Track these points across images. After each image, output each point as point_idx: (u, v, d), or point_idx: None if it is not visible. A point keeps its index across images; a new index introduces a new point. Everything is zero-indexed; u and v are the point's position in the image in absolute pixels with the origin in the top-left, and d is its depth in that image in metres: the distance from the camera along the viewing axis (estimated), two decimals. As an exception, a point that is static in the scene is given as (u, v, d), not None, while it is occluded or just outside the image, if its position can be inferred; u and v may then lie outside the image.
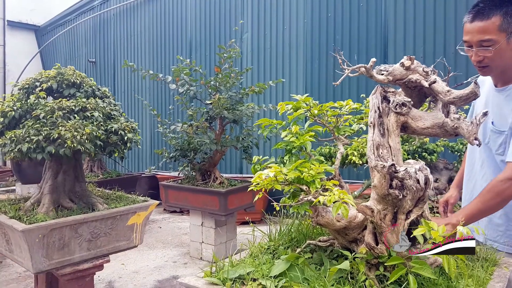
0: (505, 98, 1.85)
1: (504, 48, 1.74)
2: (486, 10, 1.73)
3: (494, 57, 1.75)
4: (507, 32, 1.72)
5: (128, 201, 2.93)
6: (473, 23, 1.75)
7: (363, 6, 5.46)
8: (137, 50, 8.26)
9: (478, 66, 1.83)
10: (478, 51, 1.76)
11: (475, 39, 1.75)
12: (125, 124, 2.67)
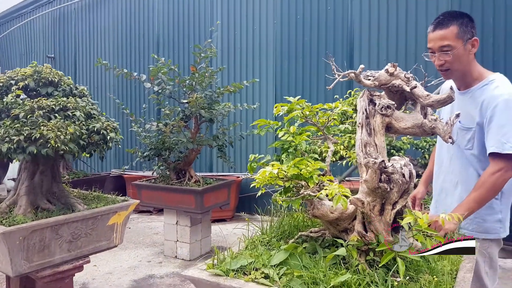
0: (469, 99, 2.08)
1: (461, 54, 2.02)
2: (445, 21, 2.02)
3: (453, 61, 2.02)
4: (463, 39, 2.00)
5: (107, 201, 2.94)
6: (434, 32, 2.04)
7: (330, 10, 5.68)
8: (100, 46, 8.10)
9: (441, 70, 2.09)
10: (439, 55, 2.03)
11: (436, 45, 2.03)
12: (107, 123, 2.69)
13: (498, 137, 1.92)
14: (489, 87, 2.01)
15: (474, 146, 2.05)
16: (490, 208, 2.05)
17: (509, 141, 1.90)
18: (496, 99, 1.95)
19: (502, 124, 1.93)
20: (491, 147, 1.94)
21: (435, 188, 2.32)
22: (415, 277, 1.36)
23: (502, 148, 1.91)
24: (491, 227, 2.06)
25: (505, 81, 2.03)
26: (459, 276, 1.41)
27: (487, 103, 1.98)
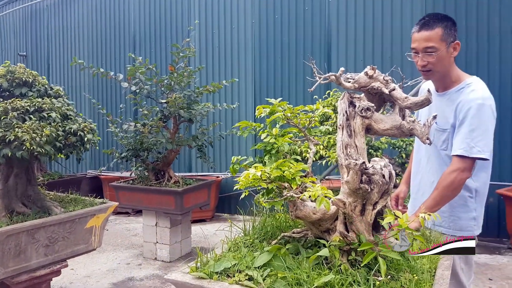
0: (446, 101, 2.13)
1: (444, 56, 2.06)
2: (431, 22, 2.05)
3: (436, 62, 2.06)
4: (447, 42, 2.05)
5: (85, 204, 2.89)
6: (420, 32, 2.07)
7: (308, 10, 5.72)
8: (74, 44, 7.91)
9: (423, 70, 2.12)
10: (423, 56, 2.07)
11: (421, 46, 2.06)
12: (84, 124, 2.64)
13: (468, 140, 1.98)
14: (466, 90, 2.07)
15: (448, 147, 2.11)
16: (464, 206, 2.12)
17: (478, 145, 1.97)
18: (470, 102, 2.01)
19: (473, 128, 1.99)
20: (459, 149, 2.00)
21: (413, 187, 2.37)
22: (396, 276, 1.39)
23: (470, 151, 1.97)
24: (466, 225, 2.12)
25: (481, 85, 2.08)
26: (437, 274, 1.45)
27: (462, 106, 2.03)
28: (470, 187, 2.11)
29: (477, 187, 2.12)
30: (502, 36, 4.68)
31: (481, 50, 4.77)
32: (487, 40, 4.75)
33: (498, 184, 4.59)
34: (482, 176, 2.14)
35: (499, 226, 4.71)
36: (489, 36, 4.74)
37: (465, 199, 2.12)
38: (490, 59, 4.74)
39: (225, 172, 6.26)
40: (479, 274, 3.78)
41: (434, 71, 2.09)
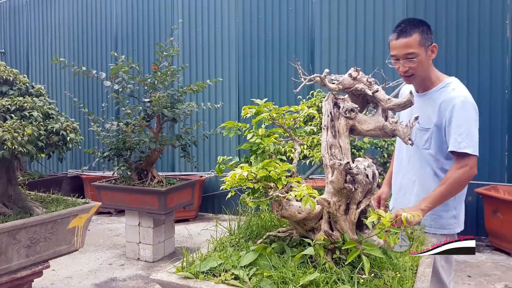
0: (427, 101, 2.18)
1: (424, 60, 2.12)
2: (408, 29, 2.10)
3: (417, 67, 2.11)
4: (425, 46, 2.11)
5: (67, 204, 2.85)
6: (398, 40, 2.11)
7: (292, 11, 5.76)
8: (55, 42, 7.78)
9: (405, 76, 2.17)
10: (404, 62, 2.12)
11: (401, 53, 2.11)
12: (67, 123, 2.61)
13: (455, 136, 2.04)
14: (447, 89, 2.13)
15: (431, 146, 2.16)
16: (445, 205, 2.17)
17: (464, 140, 2.02)
18: (454, 100, 2.07)
19: (459, 124, 2.04)
20: (450, 145, 2.06)
21: (395, 186, 2.42)
22: (379, 274, 1.42)
23: (458, 146, 2.03)
24: (447, 223, 2.18)
25: (460, 84, 2.16)
26: (419, 271, 1.49)
27: (445, 105, 2.09)
28: None
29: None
30: (480, 36, 4.80)
31: (461, 49, 4.88)
32: (466, 40, 4.86)
33: (476, 183, 4.71)
34: None
35: (478, 225, 4.84)
36: (468, 36, 4.85)
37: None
38: (469, 58, 4.85)
39: (208, 171, 6.25)
40: (458, 272, 3.87)
41: (416, 75, 2.14)
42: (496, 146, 4.77)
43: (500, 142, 4.76)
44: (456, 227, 2.20)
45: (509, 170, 4.76)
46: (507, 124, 4.74)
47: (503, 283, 3.68)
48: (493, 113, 4.77)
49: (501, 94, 4.75)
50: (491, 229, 4.50)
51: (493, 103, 4.76)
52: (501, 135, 4.76)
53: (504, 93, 4.73)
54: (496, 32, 4.74)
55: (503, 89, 4.73)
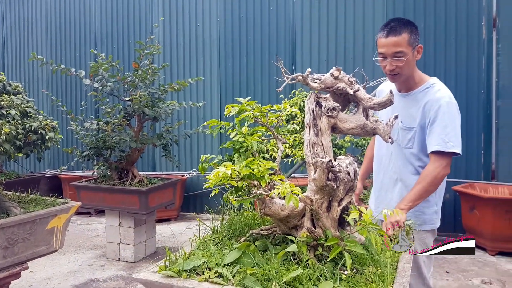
0: (411, 101, 2.22)
1: (411, 60, 2.15)
2: (398, 28, 2.11)
3: (404, 66, 2.14)
4: (413, 46, 2.14)
5: (46, 204, 2.80)
6: (388, 38, 2.12)
7: (273, 10, 5.78)
8: (32, 38, 7.61)
9: (391, 74, 2.18)
10: (392, 61, 2.13)
11: (390, 51, 2.12)
12: (45, 122, 2.56)
13: (442, 136, 2.08)
14: (431, 90, 2.17)
15: (414, 145, 2.20)
16: (427, 201, 2.22)
17: (451, 140, 2.07)
18: (439, 101, 2.11)
19: (445, 125, 2.08)
20: (435, 145, 2.09)
21: (376, 185, 2.45)
22: (361, 270, 1.44)
23: (445, 146, 2.07)
24: (429, 219, 2.23)
25: (443, 85, 2.20)
26: (399, 267, 1.52)
27: (430, 105, 2.13)
28: None
29: None
30: (458, 38, 4.91)
31: (438, 50, 4.98)
32: (444, 41, 4.96)
33: (454, 181, 4.82)
34: None
35: (455, 222, 4.95)
36: (446, 38, 4.96)
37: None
38: (447, 59, 4.96)
39: (190, 171, 6.22)
40: (436, 268, 3.96)
41: (401, 74, 2.16)
42: (472, 145, 4.89)
43: (476, 141, 4.88)
44: (436, 222, 2.26)
45: (485, 168, 4.89)
46: (483, 124, 4.86)
47: (480, 278, 3.78)
48: (469, 113, 4.88)
49: (477, 94, 4.87)
50: (468, 226, 4.61)
51: (469, 103, 4.88)
52: (477, 134, 4.88)
53: (480, 93, 4.86)
54: (473, 34, 4.85)
55: (479, 89, 4.86)
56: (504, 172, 4.80)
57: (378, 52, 2.18)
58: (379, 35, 2.16)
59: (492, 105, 4.83)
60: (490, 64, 4.81)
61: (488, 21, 4.80)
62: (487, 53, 4.81)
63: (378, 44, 2.17)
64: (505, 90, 4.76)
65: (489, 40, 4.80)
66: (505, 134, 4.77)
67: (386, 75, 2.21)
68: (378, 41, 2.17)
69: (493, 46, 4.79)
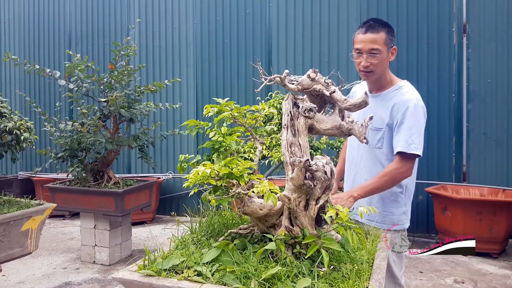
0: (380, 102, 2.28)
1: (384, 59, 2.21)
2: (376, 26, 2.19)
3: (378, 64, 2.20)
4: (388, 46, 2.21)
5: (20, 206, 2.75)
6: (366, 34, 2.18)
7: (249, 13, 5.82)
8: (5, 39, 7.43)
9: (364, 71, 2.23)
10: (367, 57, 2.19)
11: (366, 47, 2.18)
12: (20, 122, 2.52)
13: (406, 138, 2.14)
14: (400, 92, 2.24)
15: (383, 145, 2.26)
16: (396, 202, 2.28)
17: (414, 142, 2.14)
18: (406, 103, 2.17)
19: (410, 127, 2.15)
20: (400, 146, 2.15)
21: (347, 184, 2.51)
22: (338, 267, 1.48)
23: (408, 148, 2.13)
24: (398, 219, 2.29)
25: (412, 87, 2.27)
26: (375, 264, 1.56)
27: (398, 107, 2.19)
28: (401, 184, 2.27)
29: (406, 184, 2.30)
30: (429, 43, 5.06)
31: (411, 55, 5.12)
32: (416, 45, 5.11)
33: (426, 182, 4.96)
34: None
35: (428, 222, 5.08)
36: (418, 44, 5.10)
37: (396, 195, 2.29)
38: (419, 64, 5.10)
39: (166, 173, 6.18)
40: (410, 268, 4.05)
41: (374, 72, 2.21)
42: (444, 147, 5.04)
43: (448, 144, 5.04)
44: (405, 223, 2.32)
45: (456, 170, 5.04)
46: (454, 127, 5.02)
47: (453, 277, 3.89)
48: (441, 116, 5.04)
49: (448, 98, 5.03)
50: (440, 226, 4.74)
51: (441, 107, 5.03)
52: (449, 137, 5.04)
53: (451, 97, 5.02)
54: (444, 39, 5.01)
55: (451, 94, 5.02)
56: (474, 174, 4.96)
57: (355, 48, 2.23)
58: (357, 31, 2.22)
59: (463, 109, 5.00)
60: (461, 68, 4.98)
61: (458, 26, 4.97)
62: (457, 58, 4.98)
63: (355, 40, 2.22)
64: (475, 94, 4.94)
65: (459, 45, 4.97)
66: (476, 137, 4.94)
67: (359, 72, 2.26)
68: (356, 37, 2.22)
69: (464, 51, 4.96)
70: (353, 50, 2.27)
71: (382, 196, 2.27)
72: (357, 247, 1.70)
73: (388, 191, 2.24)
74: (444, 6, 5.00)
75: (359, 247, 1.71)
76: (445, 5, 5.00)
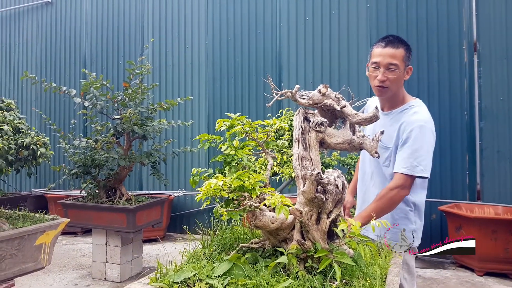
0: (390, 120, 2.28)
1: (401, 76, 2.20)
2: (396, 42, 2.19)
3: (394, 80, 2.18)
4: (405, 64, 2.21)
5: (34, 220, 2.79)
6: (385, 48, 2.18)
7: (260, 33, 5.91)
8: (22, 59, 7.65)
9: (379, 86, 2.21)
10: (385, 72, 2.17)
11: (385, 61, 2.17)
12: (37, 138, 2.58)
13: (411, 160, 2.11)
14: (409, 111, 2.22)
15: (391, 164, 2.25)
16: (406, 219, 2.26)
17: (421, 164, 2.11)
18: (413, 124, 2.15)
19: (416, 148, 2.12)
20: (403, 167, 2.13)
21: (359, 199, 2.51)
22: (350, 281, 1.47)
23: (414, 170, 2.11)
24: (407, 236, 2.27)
25: (423, 107, 2.24)
26: (388, 279, 1.55)
27: (404, 127, 2.18)
28: (409, 201, 2.26)
29: (415, 201, 2.27)
30: (439, 61, 5.07)
31: (422, 74, 5.13)
32: (427, 64, 5.12)
33: (440, 201, 4.90)
34: (420, 192, 2.30)
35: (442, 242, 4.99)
36: (429, 62, 5.12)
37: (406, 213, 2.27)
38: (430, 83, 5.10)
39: (177, 190, 6.21)
40: None
41: (389, 89, 2.20)
42: (457, 165, 4.99)
43: (461, 162, 4.99)
44: (415, 241, 2.28)
45: (470, 188, 4.97)
46: (467, 144, 4.98)
47: (467, 297, 3.81)
48: (453, 134, 5.00)
49: (460, 116, 5.00)
50: (454, 245, 4.65)
51: (453, 125, 5.00)
52: (462, 155, 4.99)
53: (464, 115, 4.99)
54: (454, 58, 5.02)
55: (463, 111, 4.99)
56: (489, 192, 4.89)
57: (372, 61, 2.21)
58: (376, 45, 2.21)
59: (476, 127, 4.96)
60: (472, 86, 4.97)
61: (469, 45, 4.98)
62: (469, 76, 4.97)
63: (373, 54, 2.21)
64: (487, 111, 4.91)
65: (470, 63, 4.97)
66: (489, 155, 4.89)
67: (374, 88, 2.24)
68: (374, 51, 2.21)
69: (475, 69, 4.96)
70: (369, 63, 2.25)
71: (392, 213, 2.26)
72: (370, 262, 1.68)
73: (398, 209, 2.22)
74: (454, 24, 5.03)
75: (372, 262, 1.70)
76: (455, 23, 5.02)
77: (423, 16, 5.16)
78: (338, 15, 5.56)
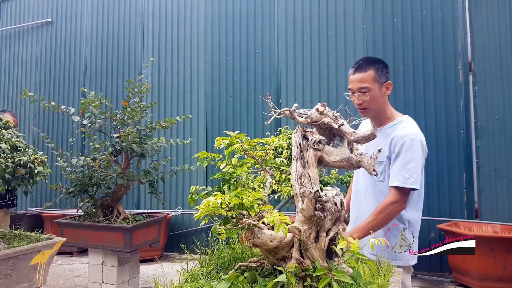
0: (381, 136, 2.34)
1: (377, 95, 2.30)
2: (364, 65, 2.30)
3: (370, 101, 2.30)
4: (379, 82, 2.29)
5: (30, 240, 2.76)
6: (355, 74, 2.31)
7: (259, 53, 5.99)
8: (22, 78, 7.70)
9: (359, 108, 2.35)
10: (358, 95, 2.30)
11: (356, 87, 2.31)
12: (35, 156, 2.57)
13: (403, 172, 2.18)
14: (399, 126, 2.31)
15: (385, 178, 2.31)
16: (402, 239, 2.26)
17: (412, 176, 2.17)
18: (404, 137, 2.24)
19: (407, 161, 2.20)
20: (396, 181, 2.20)
21: (352, 216, 2.53)
22: (349, 299, 1.46)
23: (406, 182, 2.17)
24: (401, 255, 2.27)
25: (412, 122, 2.34)
26: (386, 297, 1.54)
27: (396, 140, 2.26)
28: (404, 219, 2.29)
29: (409, 219, 2.30)
30: (435, 81, 5.13)
31: (418, 94, 5.18)
32: (423, 83, 5.18)
33: (438, 219, 4.88)
34: (414, 210, 2.33)
35: (441, 261, 4.96)
36: (425, 82, 5.18)
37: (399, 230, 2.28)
38: (426, 103, 5.15)
39: (175, 209, 6.17)
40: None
41: (369, 109, 2.32)
42: (454, 184, 5.00)
43: (458, 180, 4.99)
44: (410, 260, 2.29)
45: (468, 207, 4.97)
46: (464, 163, 4.99)
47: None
48: (450, 153, 5.02)
49: (457, 135, 5.03)
50: (454, 264, 4.62)
51: (450, 143, 5.03)
52: (459, 173, 5.00)
53: (460, 134, 5.02)
54: (450, 77, 5.08)
55: (459, 130, 5.03)
56: (486, 210, 4.88)
57: (348, 87, 2.36)
58: (349, 72, 2.35)
59: (472, 145, 4.99)
60: (468, 106, 5.02)
61: (464, 65, 5.04)
62: (464, 95, 5.03)
63: (349, 80, 2.35)
64: (483, 130, 4.94)
65: (465, 82, 5.03)
66: (486, 174, 4.90)
67: (357, 109, 2.36)
68: (349, 78, 2.35)
69: (470, 88, 5.02)
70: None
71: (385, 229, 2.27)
72: (369, 281, 1.67)
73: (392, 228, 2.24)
74: (449, 45, 5.11)
75: (371, 280, 1.69)
76: (450, 44, 5.10)
77: (419, 37, 5.24)
78: (335, 36, 5.65)
